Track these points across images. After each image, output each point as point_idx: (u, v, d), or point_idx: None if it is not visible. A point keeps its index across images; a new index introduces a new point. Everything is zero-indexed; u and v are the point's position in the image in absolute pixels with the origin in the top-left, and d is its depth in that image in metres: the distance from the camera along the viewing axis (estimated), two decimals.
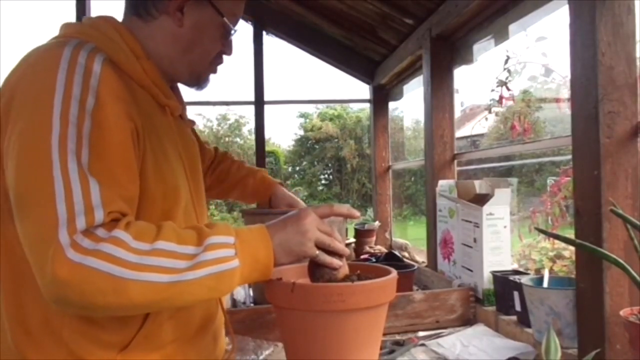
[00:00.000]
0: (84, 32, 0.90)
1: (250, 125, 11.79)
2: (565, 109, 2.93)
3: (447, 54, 2.07)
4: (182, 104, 1.07)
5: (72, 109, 0.76)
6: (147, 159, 0.86)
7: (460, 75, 2.15)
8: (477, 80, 3.26)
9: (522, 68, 2.50)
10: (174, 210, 0.92)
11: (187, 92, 1.23)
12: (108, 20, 0.95)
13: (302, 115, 13.08)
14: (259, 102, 3.10)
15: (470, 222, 1.65)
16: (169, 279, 0.73)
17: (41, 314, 0.82)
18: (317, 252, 0.86)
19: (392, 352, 1.30)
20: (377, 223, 2.88)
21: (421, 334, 1.47)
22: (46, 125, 0.75)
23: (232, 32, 1.01)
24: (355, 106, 12.42)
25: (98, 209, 0.73)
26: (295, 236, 0.85)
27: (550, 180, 3.17)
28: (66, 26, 0.93)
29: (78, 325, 0.82)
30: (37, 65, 0.81)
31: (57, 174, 0.72)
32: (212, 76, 1.09)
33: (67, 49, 0.82)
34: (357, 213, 0.98)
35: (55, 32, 0.97)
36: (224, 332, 1.10)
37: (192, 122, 1.13)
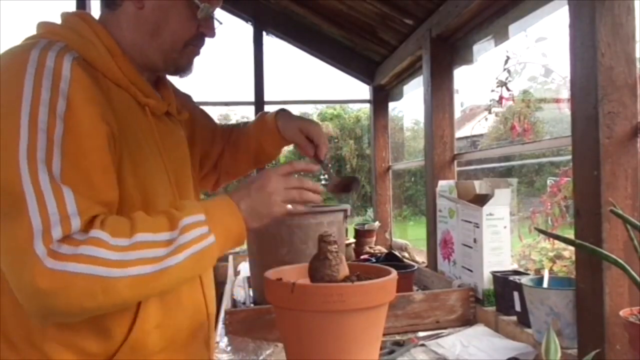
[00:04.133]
0: (55, 31, 0.86)
1: None
2: (565, 110, 2.93)
3: (447, 55, 2.07)
4: (169, 100, 1.01)
5: (41, 115, 0.73)
6: (124, 164, 0.83)
7: (460, 75, 2.15)
8: (477, 80, 3.27)
9: (522, 68, 2.50)
10: None
11: (187, 92, 1.21)
12: (82, 16, 0.91)
13: (303, 115, 13.07)
14: (259, 103, 3.10)
15: (470, 222, 1.65)
16: (152, 269, 0.74)
17: (23, 325, 0.80)
18: (288, 206, 0.89)
19: (392, 352, 1.30)
20: (377, 223, 2.88)
21: (421, 334, 1.47)
22: (14, 134, 0.71)
23: (202, 9, 0.92)
24: (354, 106, 12.43)
25: (74, 217, 0.71)
26: (261, 200, 0.86)
27: (550, 181, 3.17)
28: (40, 25, 0.89)
29: (61, 337, 0.80)
30: (3, 71, 0.77)
31: (28, 187, 0.70)
32: (211, 77, 1.06)
33: (35, 52, 0.78)
34: (315, 167, 1.02)
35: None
36: (214, 336, 1.09)
37: (182, 116, 1.06)
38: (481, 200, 1.64)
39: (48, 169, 0.71)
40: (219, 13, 1.02)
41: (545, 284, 1.28)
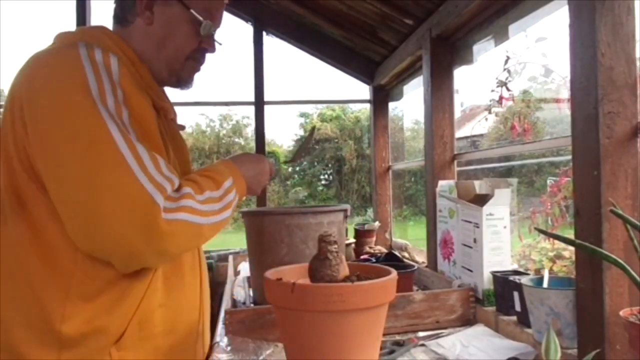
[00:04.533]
0: (84, 38, 0.93)
1: (253, 126, 11.78)
2: (565, 110, 2.93)
3: (447, 55, 2.07)
4: (172, 109, 1.12)
5: (110, 102, 0.82)
6: None
7: (460, 75, 2.15)
8: (477, 80, 3.26)
9: (522, 68, 2.50)
10: None
11: (188, 92, 1.25)
12: (101, 29, 1.01)
13: (303, 115, 13.07)
14: (259, 103, 3.10)
15: (470, 222, 1.65)
16: (216, 220, 0.91)
17: (42, 308, 0.85)
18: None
19: (392, 352, 1.30)
20: (377, 223, 2.88)
21: (421, 334, 1.47)
22: (96, 118, 0.80)
23: (204, 26, 1.03)
24: (354, 106, 12.42)
25: (174, 177, 0.86)
26: (256, 179, 1.09)
27: (550, 181, 3.17)
28: (63, 34, 0.97)
29: (80, 314, 0.86)
30: (59, 65, 0.85)
31: (127, 153, 0.80)
32: (211, 77, 1.14)
33: (82, 50, 0.86)
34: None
35: (55, 32, 0.98)
36: (209, 332, 1.16)
37: (182, 127, 1.17)
38: (481, 200, 1.64)
39: (138, 141, 0.83)
40: None
41: (545, 284, 1.28)
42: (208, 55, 1.11)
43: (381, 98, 3.13)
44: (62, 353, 0.84)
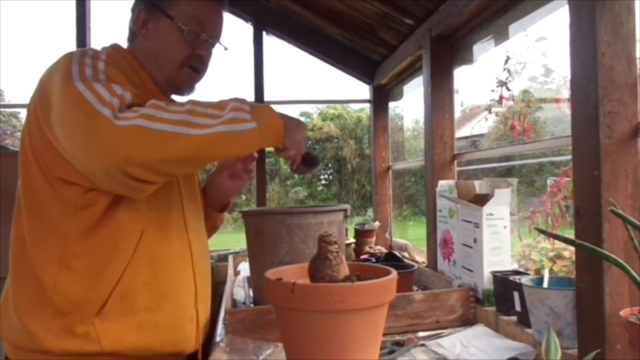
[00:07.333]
0: (87, 50, 1.07)
1: None
2: (565, 109, 2.93)
3: (447, 54, 2.07)
4: None
5: (87, 75, 0.97)
6: None
7: (460, 75, 2.15)
8: (477, 80, 3.26)
9: (522, 68, 2.50)
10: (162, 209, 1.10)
11: None
12: (114, 45, 1.16)
13: (303, 114, 13.08)
14: (259, 102, 3.10)
15: (470, 222, 1.65)
16: (201, 132, 0.90)
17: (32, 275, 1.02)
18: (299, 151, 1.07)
19: (392, 352, 1.30)
20: (377, 223, 2.88)
21: (421, 334, 1.47)
22: (70, 87, 0.95)
23: (187, 33, 1.12)
24: (355, 106, 12.43)
25: (126, 94, 0.94)
26: (296, 130, 1.03)
27: (550, 181, 3.17)
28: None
29: (66, 287, 0.99)
30: (55, 66, 1.02)
31: (85, 91, 0.93)
32: (211, 76, 1.22)
33: (75, 55, 1.01)
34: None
35: (56, 33, 1.07)
36: (207, 315, 1.24)
37: None
38: (481, 200, 1.64)
39: (98, 82, 0.96)
40: None
41: (545, 284, 1.28)
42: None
43: (381, 98, 3.13)
44: (54, 322, 0.99)
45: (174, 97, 1.25)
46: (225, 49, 1.22)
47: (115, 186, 0.96)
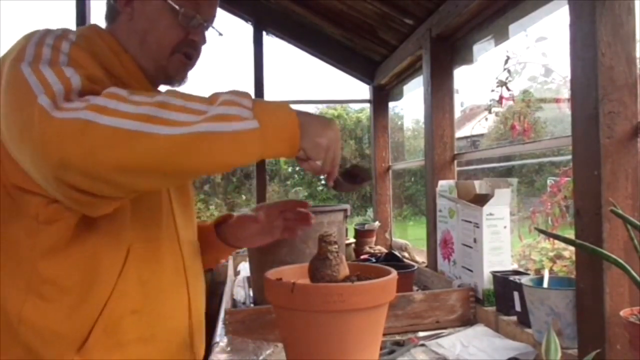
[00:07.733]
0: (54, 31, 0.88)
1: None
2: (565, 109, 2.93)
3: (447, 54, 2.07)
4: None
5: (43, 59, 0.78)
6: None
7: (460, 75, 2.15)
8: (477, 80, 3.26)
9: (522, 68, 2.50)
10: (153, 218, 0.93)
11: (187, 91, 1.23)
12: (91, 26, 1.00)
13: None
14: None
15: (470, 222, 1.65)
16: (172, 131, 0.68)
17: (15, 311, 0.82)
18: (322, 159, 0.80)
19: (392, 352, 1.30)
20: (377, 223, 2.88)
21: (421, 334, 1.47)
22: (17, 70, 0.76)
23: (182, 14, 0.96)
24: (355, 106, 12.42)
25: (74, 77, 0.74)
26: (320, 126, 0.79)
27: (550, 181, 3.17)
28: None
29: (33, 318, 0.81)
30: (10, 48, 0.83)
31: (30, 75, 0.74)
32: (211, 77, 1.09)
33: (35, 35, 0.82)
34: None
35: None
36: (200, 340, 1.05)
37: None
38: (481, 200, 1.64)
39: (49, 66, 0.76)
40: (219, 15, 1.04)
41: (545, 284, 1.28)
42: (206, 52, 1.05)
43: (381, 98, 3.13)
44: (28, 354, 0.82)
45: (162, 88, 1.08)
46: (220, 34, 1.04)
47: (60, 198, 0.76)
